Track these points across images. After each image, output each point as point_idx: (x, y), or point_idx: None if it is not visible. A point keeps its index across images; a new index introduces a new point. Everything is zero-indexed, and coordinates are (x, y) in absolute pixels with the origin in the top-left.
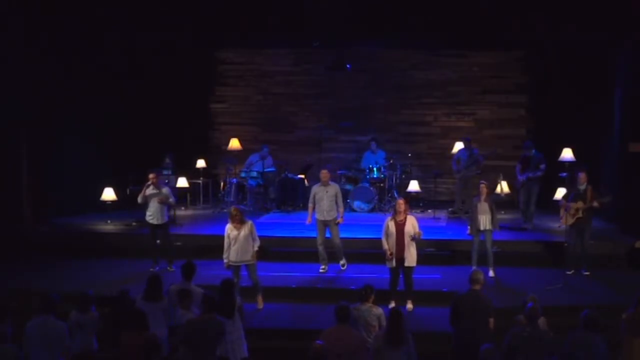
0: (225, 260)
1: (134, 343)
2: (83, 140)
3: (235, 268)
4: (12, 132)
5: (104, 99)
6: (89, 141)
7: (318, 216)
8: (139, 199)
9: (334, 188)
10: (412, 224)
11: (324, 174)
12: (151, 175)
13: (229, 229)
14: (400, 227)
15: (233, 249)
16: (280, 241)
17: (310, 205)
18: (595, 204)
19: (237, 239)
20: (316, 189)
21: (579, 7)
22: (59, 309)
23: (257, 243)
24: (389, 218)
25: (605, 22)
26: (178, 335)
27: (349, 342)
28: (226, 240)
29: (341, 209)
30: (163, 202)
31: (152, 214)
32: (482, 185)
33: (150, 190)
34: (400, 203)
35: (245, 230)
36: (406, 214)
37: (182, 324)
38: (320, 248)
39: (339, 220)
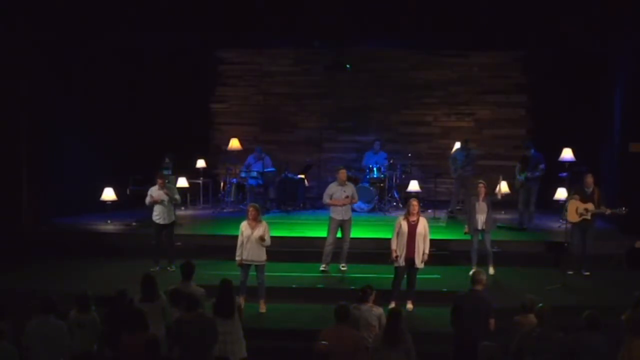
0: (237, 258)
1: (134, 343)
2: (83, 140)
3: (246, 267)
4: (12, 132)
5: (104, 99)
6: (89, 141)
7: (334, 215)
8: (147, 201)
9: (350, 188)
10: (423, 226)
11: (343, 173)
12: (159, 181)
13: (244, 226)
14: (412, 228)
15: (247, 247)
16: (280, 241)
17: (328, 201)
18: (608, 212)
19: (250, 239)
20: (334, 188)
21: (579, 8)
22: (59, 309)
23: (267, 243)
24: (402, 217)
25: (605, 22)
26: (170, 334)
27: (349, 341)
28: (240, 238)
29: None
30: (169, 195)
31: (159, 214)
32: (480, 185)
33: (156, 191)
34: (415, 204)
35: (259, 230)
36: (419, 215)
37: (173, 323)
38: (330, 248)
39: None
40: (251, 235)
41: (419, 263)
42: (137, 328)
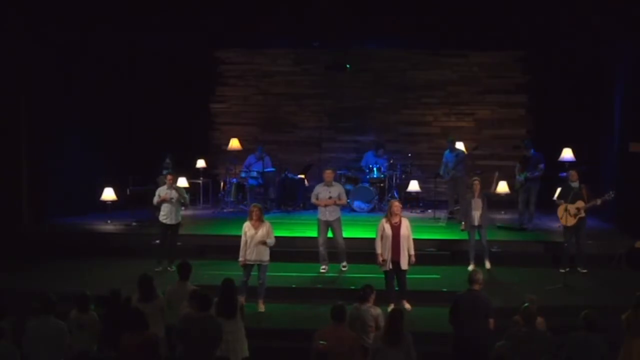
0: (240, 259)
1: (134, 343)
2: (83, 140)
3: (249, 267)
4: (11, 132)
5: (104, 99)
6: (89, 141)
7: (320, 216)
8: (155, 201)
9: (337, 188)
10: (406, 226)
11: (328, 174)
12: (169, 177)
13: (247, 227)
14: (396, 229)
15: (251, 248)
16: (280, 241)
17: (314, 200)
18: (598, 202)
19: (254, 239)
20: (320, 189)
21: (579, 8)
22: (58, 309)
23: (272, 241)
24: (384, 220)
25: (605, 22)
26: (175, 331)
27: (345, 341)
28: (243, 238)
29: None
30: (179, 194)
31: (166, 214)
32: (475, 182)
33: (164, 190)
34: (397, 205)
35: (262, 231)
36: (401, 216)
37: (179, 320)
38: (322, 249)
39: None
40: (255, 235)
41: (405, 265)
42: (137, 328)
